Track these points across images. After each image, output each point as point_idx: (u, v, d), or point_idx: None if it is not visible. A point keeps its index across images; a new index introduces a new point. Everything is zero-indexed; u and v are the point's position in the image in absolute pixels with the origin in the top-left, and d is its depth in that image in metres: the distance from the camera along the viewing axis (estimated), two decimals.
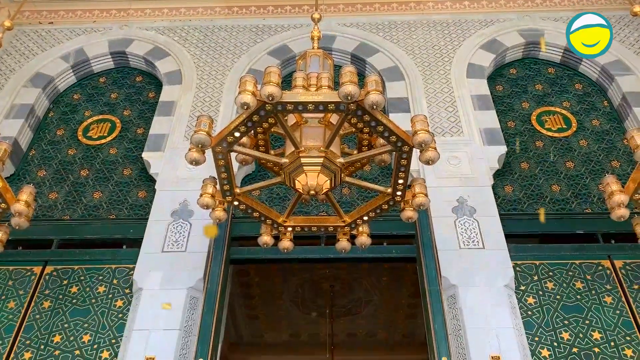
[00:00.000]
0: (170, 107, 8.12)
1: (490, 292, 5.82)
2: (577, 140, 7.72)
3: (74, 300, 6.26)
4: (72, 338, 5.96)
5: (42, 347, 5.92)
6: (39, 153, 8.01)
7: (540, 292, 6.12)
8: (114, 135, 8.16)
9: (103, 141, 8.09)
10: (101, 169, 7.71)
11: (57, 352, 5.87)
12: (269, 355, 12.48)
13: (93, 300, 6.26)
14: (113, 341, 5.91)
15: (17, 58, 8.98)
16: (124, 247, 6.88)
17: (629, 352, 5.68)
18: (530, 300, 6.07)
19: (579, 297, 6.09)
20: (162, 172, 7.14)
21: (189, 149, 4.26)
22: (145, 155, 7.45)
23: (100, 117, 8.45)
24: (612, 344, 5.74)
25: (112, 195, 7.37)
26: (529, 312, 5.97)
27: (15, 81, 8.60)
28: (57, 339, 5.97)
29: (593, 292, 6.12)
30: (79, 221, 7.10)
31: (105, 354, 5.83)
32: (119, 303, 6.22)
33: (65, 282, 6.42)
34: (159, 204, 6.84)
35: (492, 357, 5.39)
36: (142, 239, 6.49)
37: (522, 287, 6.15)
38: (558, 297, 6.09)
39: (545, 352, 5.69)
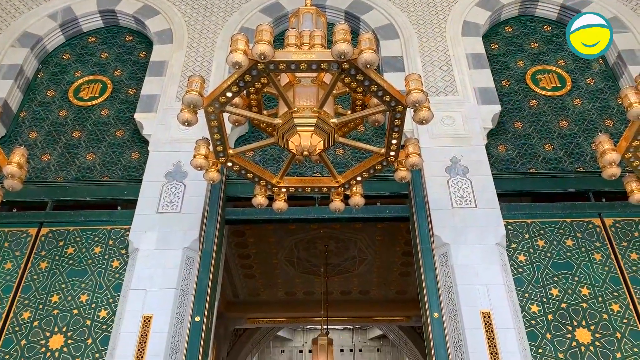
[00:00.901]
0: (162, 67, 8.01)
1: (482, 250, 5.92)
2: (571, 99, 7.70)
3: (71, 261, 6.32)
4: (69, 298, 6.05)
5: (41, 306, 6.00)
6: (30, 114, 7.93)
7: (531, 250, 6.23)
8: (105, 96, 8.07)
9: (94, 102, 8.01)
10: (93, 131, 7.65)
11: (55, 312, 5.96)
12: (265, 312, 12.74)
13: (89, 261, 6.32)
14: (110, 300, 6.01)
15: (3, 17, 8.77)
16: (119, 208, 6.91)
17: (615, 307, 5.83)
18: (521, 257, 6.17)
19: (569, 254, 6.20)
20: (155, 133, 7.11)
21: (181, 110, 4.23)
22: (137, 116, 7.40)
23: (91, 77, 8.33)
24: (600, 299, 5.88)
25: (105, 156, 7.34)
26: (520, 269, 6.09)
27: (3, 41, 8.43)
28: (55, 298, 6.06)
29: (583, 249, 6.23)
30: (73, 183, 7.10)
31: (103, 313, 5.93)
32: (116, 263, 6.28)
33: (61, 243, 6.47)
34: (152, 165, 6.83)
35: (482, 313, 5.52)
36: (137, 200, 6.51)
37: (513, 245, 6.25)
38: (548, 254, 6.19)
39: (534, 308, 5.83)
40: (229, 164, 4.90)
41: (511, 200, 6.76)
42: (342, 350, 19.61)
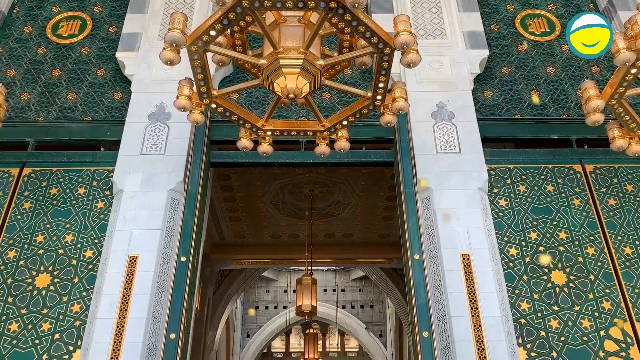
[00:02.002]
0: (143, 4, 7.74)
1: (464, 194, 6.01)
2: (559, 44, 7.63)
3: (55, 202, 6.31)
4: (54, 238, 6.07)
5: (26, 246, 6.03)
6: (7, 52, 7.67)
7: (512, 195, 6.34)
8: (85, 33, 7.82)
9: (74, 40, 7.76)
10: (74, 70, 7.46)
11: (41, 251, 6.00)
12: (251, 254, 12.94)
13: (74, 202, 6.31)
14: (96, 241, 6.04)
15: None
16: (102, 149, 6.84)
17: (591, 251, 6.02)
18: (502, 202, 6.29)
19: (549, 199, 6.33)
20: (137, 73, 6.95)
21: (164, 48, 4.13)
22: (119, 55, 7.21)
23: (70, 14, 8.03)
24: (577, 243, 6.06)
25: (86, 96, 7.19)
26: (500, 214, 6.21)
27: None
28: (40, 238, 6.08)
29: (563, 194, 6.36)
30: (55, 123, 6.98)
31: (89, 253, 5.98)
32: (100, 204, 6.28)
33: (44, 183, 6.43)
34: (135, 106, 6.72)
35: (462, 255, 5.67)
36: (120, 141, 6.44)
37: (495, 190, 6.35)
38: (529, 199, 6.31)
39: (513, 251, 5.99)
40: (213, 105, 4.84)
41: (495, 146, 6.81)
42: (325, 290, 20.16)
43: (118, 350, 5.20)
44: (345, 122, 5.16)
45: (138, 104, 6.70)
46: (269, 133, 5.25)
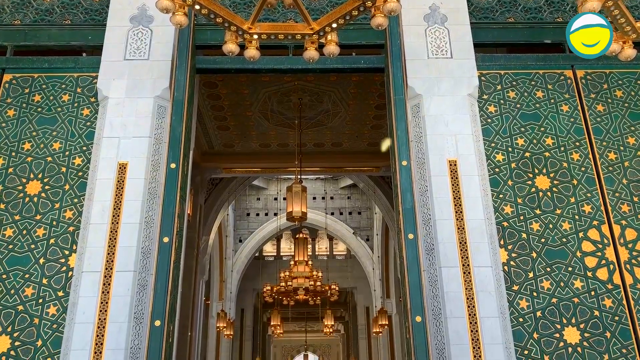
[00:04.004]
0: None
1: (454, 100, 5.99)
2: None
3: (39, 109, 6.21)
4: (42, 145, 6.04)
5: (14, 154, 6.00)
6: None
7: (502, 101, 6.32)
8: None
9: None
10: None
11: (29, 159, 5.98)
12: (240, 163, 13.01)
13: (59, 109, 6.21)
14: (84, 148, 6.02)
15: None
16: (84, 54, 6.64)
17: (576, 156, 6.12)
18: (492, 108, 6.28)
19: (537, 105, 6.33)
20: None
21: None
22: None
23: None
24: (562, 149, 6.15)
25: None
26: (489, 120, 6.23)
27: None
28: (27, 146, 6.04)
29: (552, 100, 6.35)
30: (32, 27, 6.69)
31: (77, 161, 5.98)
32: (86, 112, 6.19)
33: (26, 90, 6.29)
34: (115, 8, 6.44)
35: (449, 161, 5.75)
36: (102, 46, 6.23)
37: (485, 96, 6.32)
38: (518, 105, 6.31)
39: (499, 157, 6.08)
40: (197, 6, 4.63)
41: (487, 51, 6.69)
42: (314, 198, 20.56)
43: (113, 253, 5.36)
44: (334, 25, 4.98)
45: (119, 6, 6.43)
46: (255, 37, 5.07)
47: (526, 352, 5.31)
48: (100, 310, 5.14)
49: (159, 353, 5.11)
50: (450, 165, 5.71)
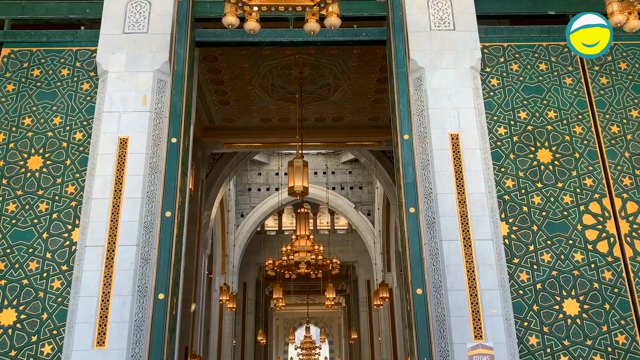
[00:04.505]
0: None
1: (456, 73, 5.93)
2: None
3: (38, 84, 6.16)
4: (42, 120, 6.02)
5: (14, 129, 5.99)
6: None
7: (504, 74, 6.26)
8: None
9: None
10: None
11: (30, 134, 5.97)
12: (241, 138, 12.98)
13: (58, 84, 6.17)
14: (85, 123, 6.00)
15: None
16: (82, 28, 6.56)
17: (578, 129, 6.09)
18: (494, 81, 6.23)
19: (540, 78, 6.27)
20: None
21: None
22: None
23: None
24: (565, 122, 6.11)
25: None
26: (491, 93, 6.18)
27: None
28: (27, 121, 6.02)
29: (555, 73, 6.29)
30: (29, 0, 6.60)
31: (78, 136, 5.96)
32: (86, 86, 6.15)
33: (25, 65, 6.23)
34: None
35: (450, 135, 5.72)
36: (101, 19, 6.16)
37: (488, 69, 6.26)
38: (521, 78, 6.25)
39: (501, 130, 6.05)
40: None
41: (489, 23, 6.60)
42: (315, 173, 20.54)
43: (115, 228, 5.38)
44: None
45: None
46: (255, 9, 5.00)
47: (526, 323, 5.36)
48: (104, 284, 5.19)
49: (163, 326, 5.17)
50: (452, 138, 5.69)
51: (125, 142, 5.63)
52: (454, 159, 5.65)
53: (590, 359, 5.25)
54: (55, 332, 5.26)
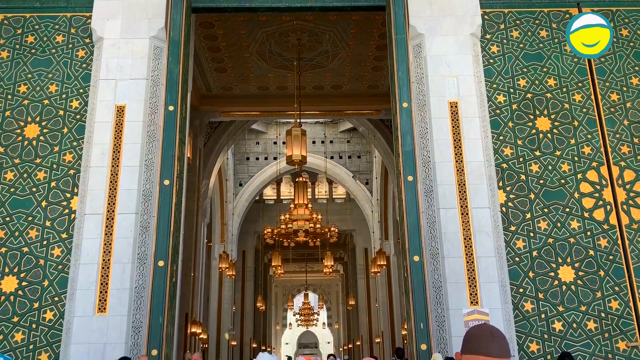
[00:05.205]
0: None
1: (456, 40, 5.86)
2: None
3: (33, 50, 6.08)
4: (38, 88, 5.96)
5: (10, 97, 5.93)
6: None
7: (505, 41, 6.19)
8: None
9: None
10: None
11: (26, 102, 5.92)
12: (239, 106, 12.88)
13: (53, 50, 6.08)
14: (81, 91, 5.95)
15: None
16: None
17: (578, 97, 6.05)
18: (494, 48, 6.16)
19: (541, 45, 6.20)
20: None
21: None
22: None
23: None
24: (564, 89, 6.07)
25: None
26: (491, 60, 6.12)
27: None
28: (23, 89, 5.96)
29: (556, 40, 6.22)
30: None
31: (75, 103, 5.92)
32: (81, 53, 6.08)
33: (19, 31, 6.14)
34: None
35: (450, 103, 5.69)
36: None
37: (488, 36, 6.18)
38: (521, 45, 6.19)
39: (500, 98, 6.01)
40: None
41: None
42: (314, 142, 20.48)
43: (114, 196, 5.39)
44: None
45: None
46: None
47: (521, 290, 5.44)
48: (104, 252, 5.23)
49: (163, 292, 5.24)
50: (451, 107, 5.66)
51: (122, 110, 5.60)
52: (453, 127, 5.64)
53: (584, 324, 5.35)
54: (56, 298, 5.33)
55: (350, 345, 26.78)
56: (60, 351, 5.13)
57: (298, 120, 11.47)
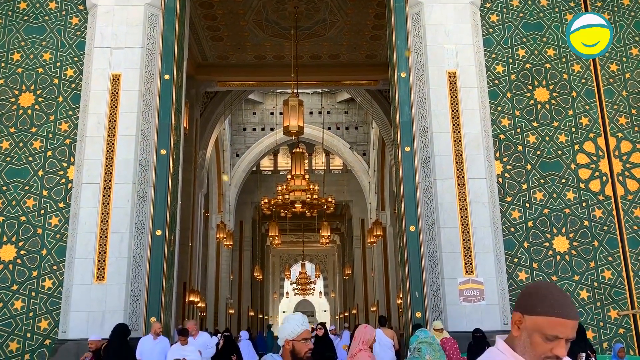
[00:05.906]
0: None
1: (455, 8, 5.78)
2: None
3: (26, 17, 5.98)
4: (32, 56, 5.88)
5: (3, 64, 5.86)
6: None
7: (505, 10, 6.11)
8: None
9: None
10: None
11: (19, 70, 5.85)
12: (235, 76, 12.76)
13: (46, 17, 5.98)
14: (76, 59, 5.87)
15: None
16: None
17: (577, 68, 6.01)
18: (494, 17, 6.09)
19: (541, 14, 6.13)
20: None
21: None
22: None
23: None
24: (564, 60, 6.03)
25: None
26: (490, 30, 6.06)
27: None
28: (16, 57, 5.89)
29: (556, 9, 6.15)
30: None
31: (70, 72, 5.85)
32: (75, 20, 5.98)
33: None
34: None
35: (448, 73, 5.65)
36: None
37: (488, 5, 6.10)
38: (521, 14, 6.11)
39: (499, 68, 5.97)
40: None
41: None
42: (311, 113, 20.37)
43: (111, 166, 5.38)
44: None
45: None
46: None
47: (516, 259, 5.50)
48: (102, 221, 5.25)
49: (161, 261, 5.28)
50: (450, 77, 5.62)
51: (118, 79, 5.54)
52: (451, 97, 5.61)
53: (577, 293, 5.43)
54: (55, 267, 5.37)
55: (346, 314, 27.18)
56: (60, 318, 5.19)
57: (295, 90, 11.37)
